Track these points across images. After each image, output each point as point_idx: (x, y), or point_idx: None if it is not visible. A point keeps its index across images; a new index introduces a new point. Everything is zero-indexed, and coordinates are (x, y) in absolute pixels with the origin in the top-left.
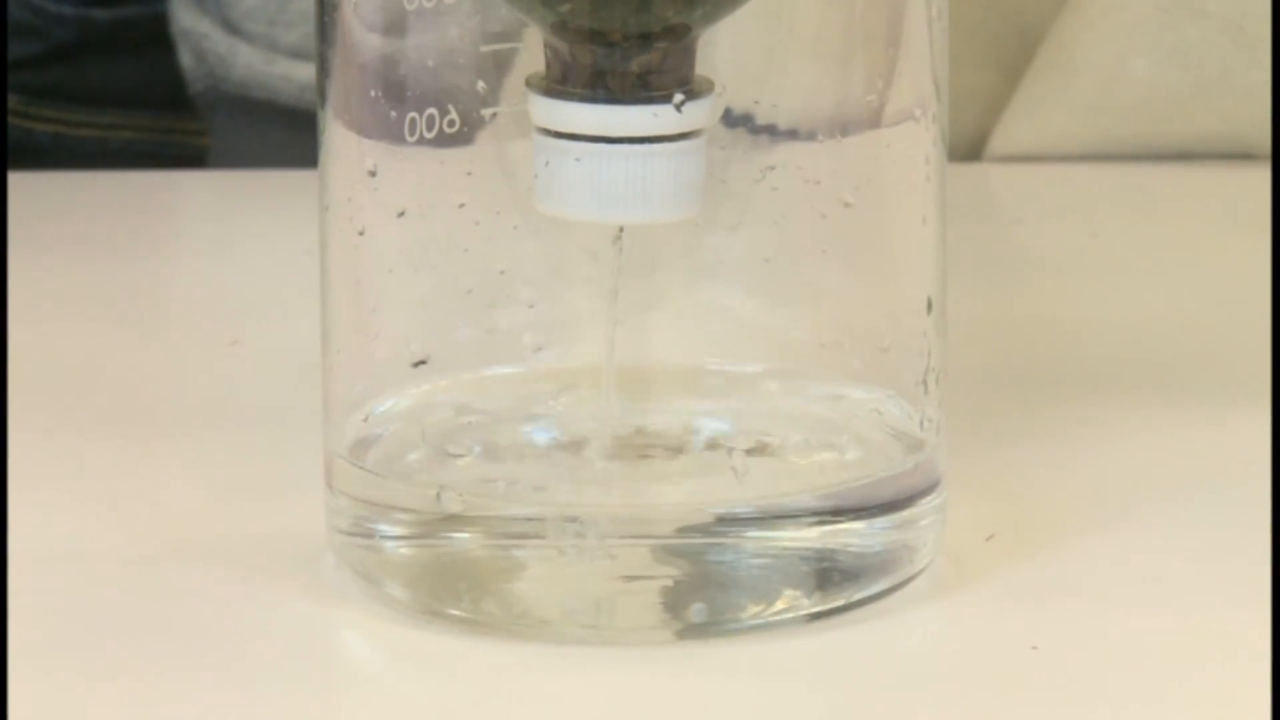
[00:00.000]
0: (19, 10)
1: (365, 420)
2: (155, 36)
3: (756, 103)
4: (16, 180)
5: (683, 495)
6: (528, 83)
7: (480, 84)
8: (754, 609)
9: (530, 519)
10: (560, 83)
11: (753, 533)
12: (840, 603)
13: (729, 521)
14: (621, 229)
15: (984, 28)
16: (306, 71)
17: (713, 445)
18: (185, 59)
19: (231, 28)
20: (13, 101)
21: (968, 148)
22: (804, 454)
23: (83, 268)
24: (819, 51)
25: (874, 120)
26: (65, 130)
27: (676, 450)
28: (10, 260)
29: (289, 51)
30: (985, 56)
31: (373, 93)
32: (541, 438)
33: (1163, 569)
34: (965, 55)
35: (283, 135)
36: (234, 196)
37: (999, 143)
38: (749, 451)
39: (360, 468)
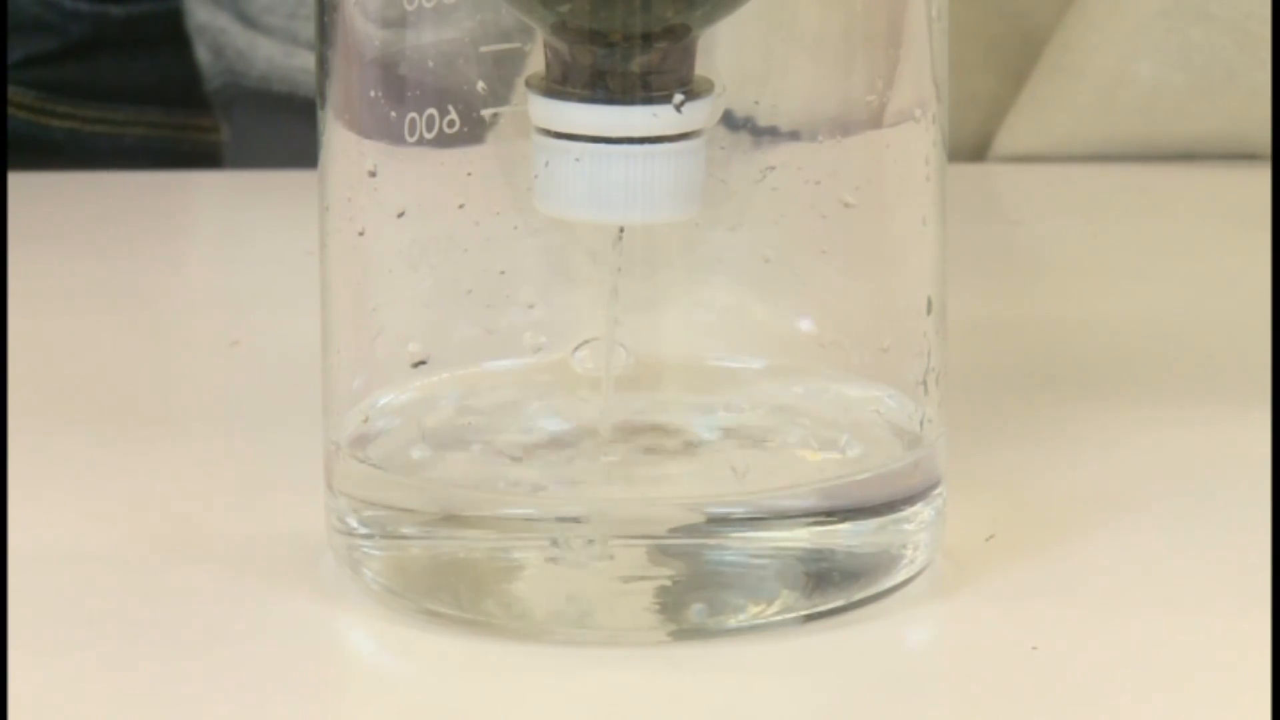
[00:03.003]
0: (35, 6)
1: (365, 420)
2: (170, 33)
3: (757, 103)
4: (29, 179)
5: (681, 495)
6: (527, 83)
7: (480, 84)
8: (752, 609)
9: (529, 519)
10: (560, 83)
11: (750, 533)
12: (839, 603)
13: (726, 521)
14: (621, 229)
15: (988, 30)
16: None
17: (712, 444)
18: (202, 55)
19: (250, 22)
20: (28, 97)
21: (972, 150)
22: (804, 452)
23: (86, 268)
24: (819, 52)
25: (874, 121)
26: (80, 126)
27: (674, 450)
28: (17, 259)
29: (309, 44)
30: (989, 59)
31: (373, 93)
32: (540, 437)
33: (1163, 569)
34: (969, 58)
35: (304, 128)
36: (242, 197)
37: (1003, 144)
38: (742, 441)
39: (361, 463)
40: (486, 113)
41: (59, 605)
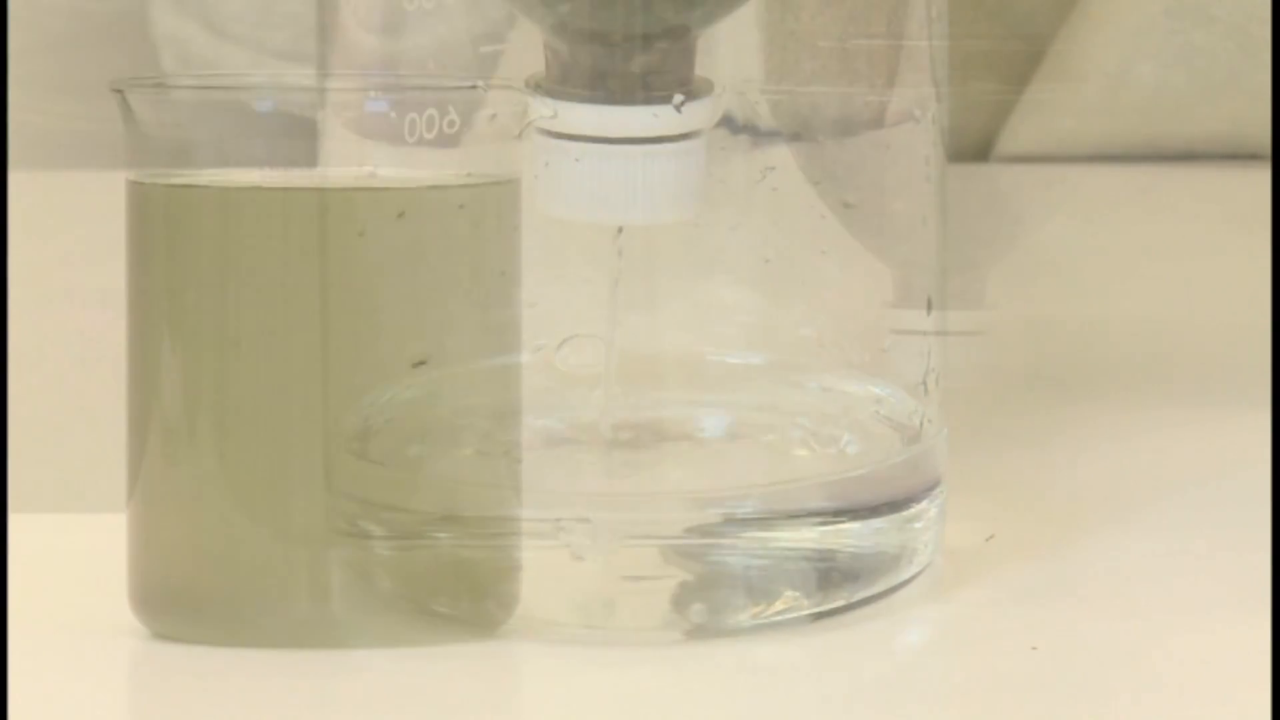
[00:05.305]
0: None
1: (365, 420)
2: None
3: (757, 104)
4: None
5: (682, 495)
6: (528, 83)
7: (480, 84)
8: (754, 609)
9: (530, 519)
10: (560, 83)
11: (753, 533)
12: (840, 603)
13: (730, 522)
14: (621, 229)
15: (991, 33)
16: (295, 72)
17: (712, 442)
18: (168, 64)
19: (216, 30)
20: None
21: (975, 150)
22: (805, 450)
23: (78, 267)
24: (819, 52)
25: (874, 121)
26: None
27: (674, 449)
28: (10, 260)
29: (276, 53)
30: (992, 61)
31: (372, 93)
32: (541, 437)
33: (1162, 569)
34: (972, 60)
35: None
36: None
37: (1006, 145)
38: (743, 440)
39: (361, 463)
40: (486, 113)
41: (59, 606)
